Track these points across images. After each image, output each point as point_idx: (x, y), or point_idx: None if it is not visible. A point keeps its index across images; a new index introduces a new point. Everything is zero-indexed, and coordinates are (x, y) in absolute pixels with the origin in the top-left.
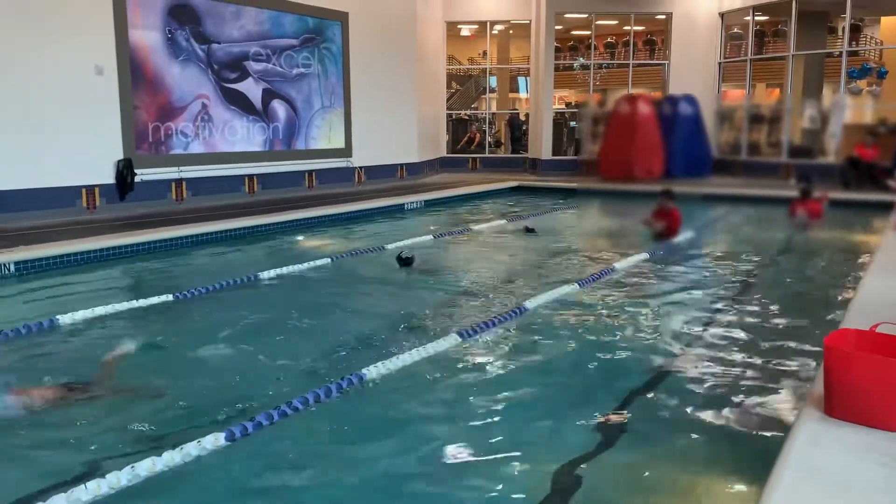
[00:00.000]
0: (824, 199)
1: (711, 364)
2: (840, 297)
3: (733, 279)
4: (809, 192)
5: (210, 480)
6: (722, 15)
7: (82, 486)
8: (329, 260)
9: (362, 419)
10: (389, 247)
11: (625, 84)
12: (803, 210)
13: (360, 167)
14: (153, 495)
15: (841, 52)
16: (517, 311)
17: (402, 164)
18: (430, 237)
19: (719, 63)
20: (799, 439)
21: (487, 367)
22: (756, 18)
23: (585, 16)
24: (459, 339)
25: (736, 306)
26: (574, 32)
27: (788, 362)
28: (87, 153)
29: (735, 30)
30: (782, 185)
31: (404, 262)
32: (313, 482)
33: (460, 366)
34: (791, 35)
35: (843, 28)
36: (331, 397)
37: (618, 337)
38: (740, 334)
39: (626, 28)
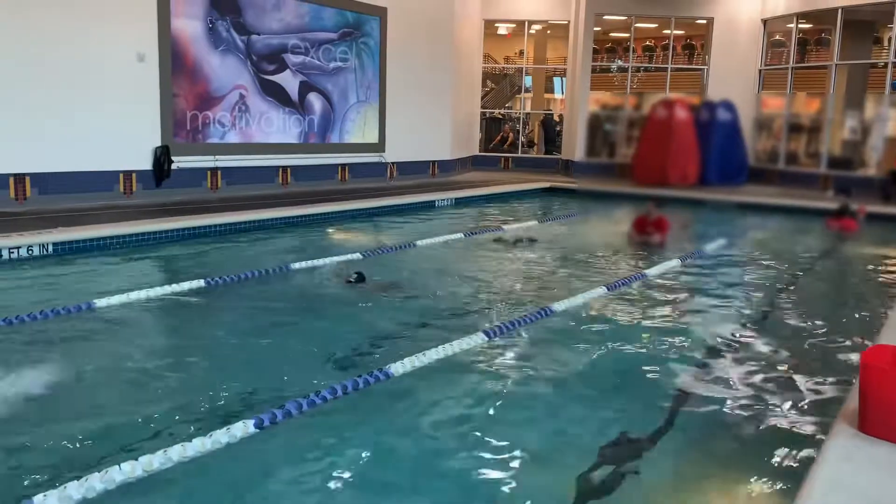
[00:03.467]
0: (862, 213)
1: (742, 375)
2: (877, 313)
3: (766, 290)
4: (846, 209)
5: (239, 467)
6: (764, 21)
7: (116, 466)
8: (359, 255)
9: (387, 414)
10: (419, 243)
11: (662, 88)
12: (838, 225)
13: (393, 162)
14: (184, 479)
15: (886, 63)
16: (544, 312)
17: (434, 161)
18: (460, 235)
19: (760, 70)
20: (831, 455)
21: (512, 369)
22: (799, 26)
23: (625, 18)
24: (486, 338)
25: (769, 318)
26: (612, 34)
27: (821, 376)
28: (126, 139)
29: (777, 37)
30: (820, 197)
31: (355, 280)
32: (337, 472)
33: (487, 365)
34: (835, 44)
35: (890, 38)
36: (358, 390)
37: (647, 344)
38: (773, 346)
39: (665, 31)
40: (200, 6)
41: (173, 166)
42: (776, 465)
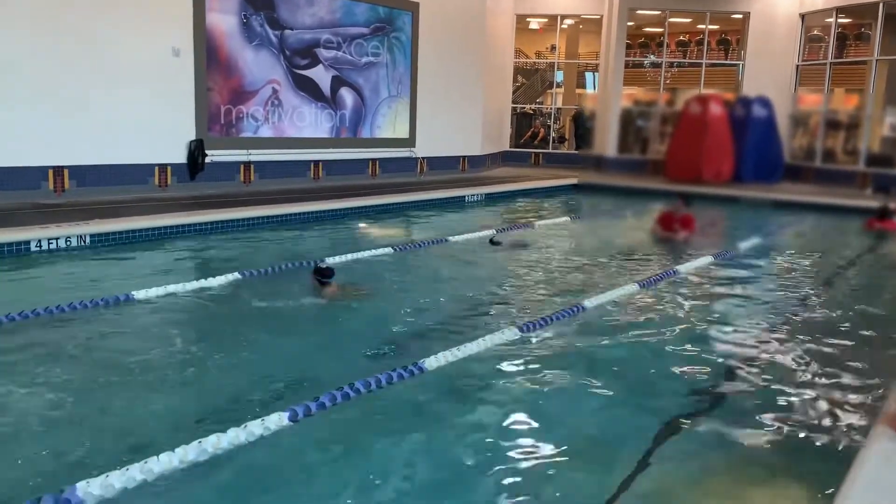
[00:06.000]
0: None
1: (778, 375)
2: None
3: (803, 289)
4: (888, 211)
5: (273, 458)
6: (802, 16)
7: (155, 457)
8: (391, 249)
9: (419, 408)
10: (452, 238)
11: (696, 84)
12: (880, 225)
13: (423, 158)
14: (218, 471)
15: None
16: (576, 308)
17: (464, 157)
18: (492, 230)
19: (797, 65)
20: (871, 458)
21: (544, 364)
22: (839, 20)
23: (659, 12)
24: (520, 333)
25: (805, 318)
26: (646, 29)
27: (861, 378)
28: (162, 133)
29: (815, 31)
30: (858, 195)
31: (323, 275)
32: (366, 467)
33: (521, 360)
34: (876, 39)
35: None
36: (392, 383)
37: (681, 342)
38: (810, 346)
39: (700, 26)
40: (235, 1)
41: (207, 160)
42: (814, 466)
